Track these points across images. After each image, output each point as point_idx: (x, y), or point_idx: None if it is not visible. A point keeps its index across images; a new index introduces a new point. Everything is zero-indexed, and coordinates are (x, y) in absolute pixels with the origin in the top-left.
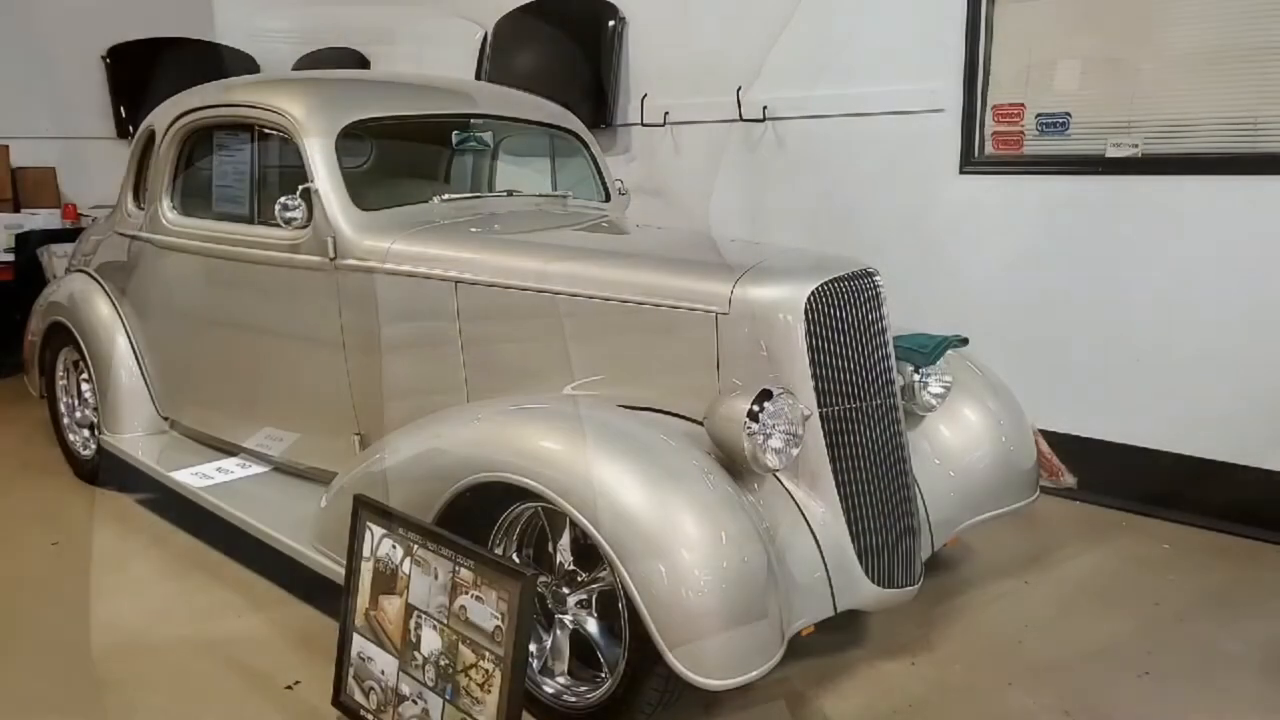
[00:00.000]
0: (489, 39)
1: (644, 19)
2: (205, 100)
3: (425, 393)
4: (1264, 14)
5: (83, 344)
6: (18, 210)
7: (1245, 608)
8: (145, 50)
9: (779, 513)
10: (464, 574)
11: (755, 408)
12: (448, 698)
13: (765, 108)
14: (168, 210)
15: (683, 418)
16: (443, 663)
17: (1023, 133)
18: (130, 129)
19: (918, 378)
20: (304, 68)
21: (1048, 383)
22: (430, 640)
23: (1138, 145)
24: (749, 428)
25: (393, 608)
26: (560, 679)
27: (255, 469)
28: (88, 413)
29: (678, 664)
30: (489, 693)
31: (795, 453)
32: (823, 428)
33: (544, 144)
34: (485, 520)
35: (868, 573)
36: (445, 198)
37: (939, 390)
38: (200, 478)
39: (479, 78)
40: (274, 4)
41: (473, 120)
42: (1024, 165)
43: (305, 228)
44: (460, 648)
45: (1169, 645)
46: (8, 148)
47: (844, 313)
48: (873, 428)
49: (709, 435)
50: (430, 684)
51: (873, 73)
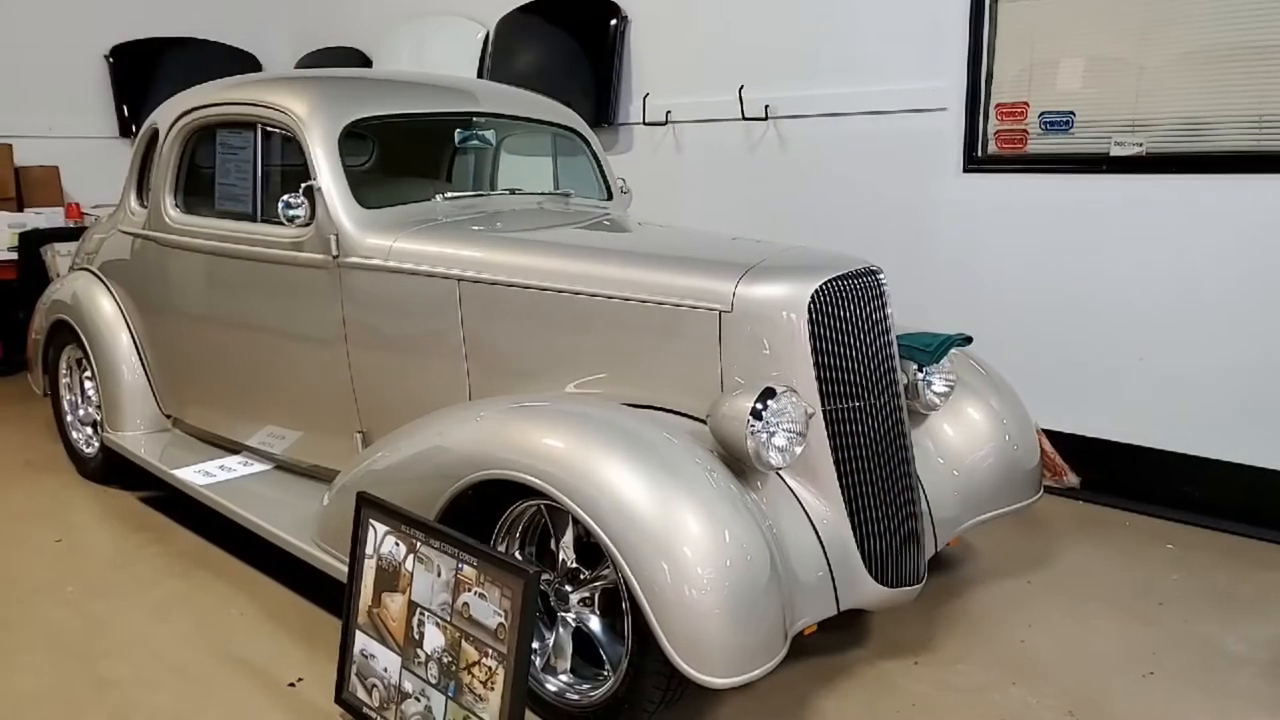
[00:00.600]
0: (491, 38)
1: (646, 18)
2: (208, 98)
3: (428, 391)
4: (1269, 12)
5: (86, 342)
6: (21, 209)
7: (1250, 608)
8: (148, 50)
9: (782, 511)
10: (467, 571)
11: (759, 406)
12: (450, 695)
13: (767, 106)
14: (171, 208)
15: (685, 416)
16: (445, 660)
17: (1026, 131)
18: (133, 128)
19: (921, 376)
20: (306, 67)
21: (1051, 382)
22: (433, 637)
23: (1142, 144)
24: (752, 426)
25: (395, 605)
26: (563, 677)
27: (257, 467)
28: (91, 410)
29: (681, 662)
30: (492, 690)
31: (799, 451)
32: (826, 426)
33: (546, 142)
34: (488, 518)
35: (871, 572)
36: (448, 196)
37: (942, 389)
38: (203, 475)
39: (481, 76)
40: (277, 3)
41: (475, 118)
42: (1027, 164)
43: (308, 226)
44: (463, 645)
45: (1173, 645)
46: (11, 147)
47: (848, 311)
48: (876, 426)
49: (712, 433)
50: (433, 681)
51: (875, 71)
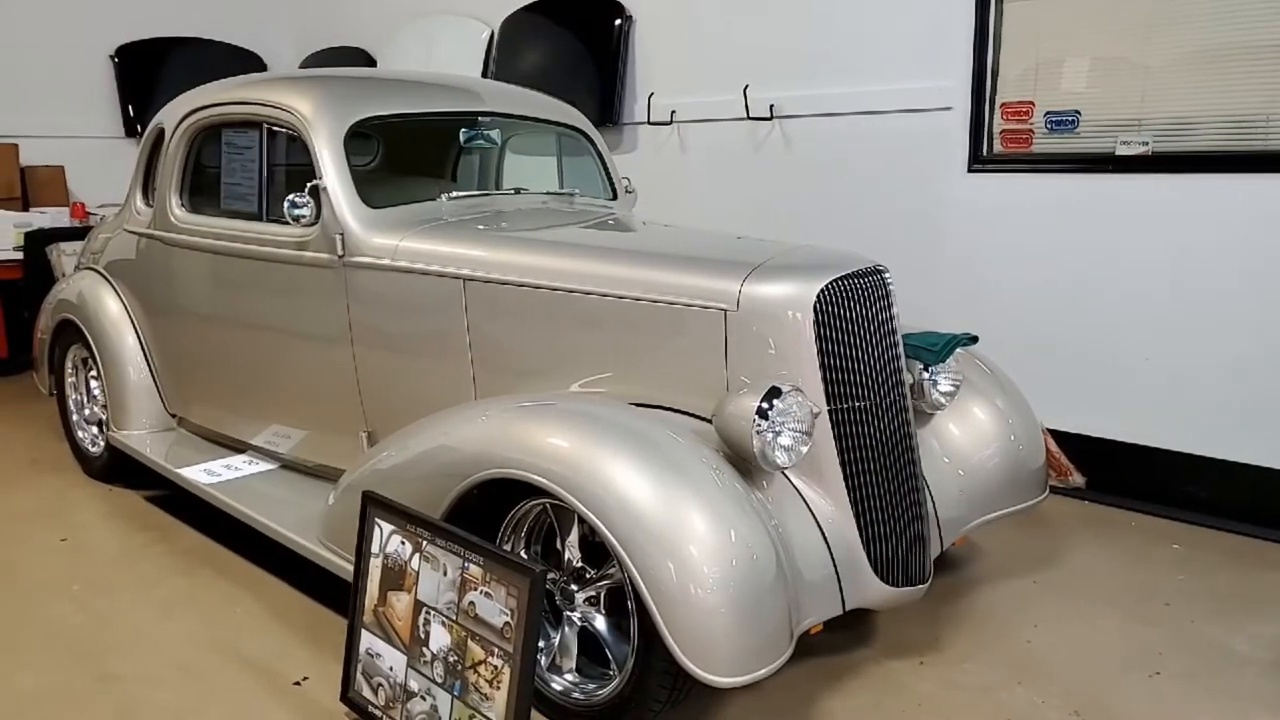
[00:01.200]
0: (495, 37)
1: (651, 17)
2: (214, 98)
3: (433, 390)
4: (1276, 11)
5: (91, 341)
6: (26, 209)
7: (1255, 608)
8: (153, 50)
9: (788, 511)
10: (473, 570)
11: (764, 405)
12: (456, 694)
13: (772, 106)
14: (176, 208)
15: (691, 415)
16: (451, 659)
17: (1031, 131)
18: (138, 128)
19: (927, 376)
20: (311, 67)
21: (1056, 381)
22: (439, 636)
23: (1148, 143)
24: (758, 425)
25: (401, 604)
26: (568, 676)
27: (263, 466)
28: (96, 410)
29: (687, 661)
30: (498, 689)
31: (804, 451)
32: (832, 426)
33: (551, 142)
34: (493, 517)
35: (877, 571)
36: (453, 195)
37: (948, 388)
38: (208, 475)
39: (485, 76)
40: (281, 3)
41: (480, 118)
42: (1033, 163)
43: (314, 225)
44: (469, 644)
45: (1179, 646)
46: (17, 147)
47: (853, 310)
48: (882, 426)
49: (717, 433)
50: (439, 680)
51: (880, 71)
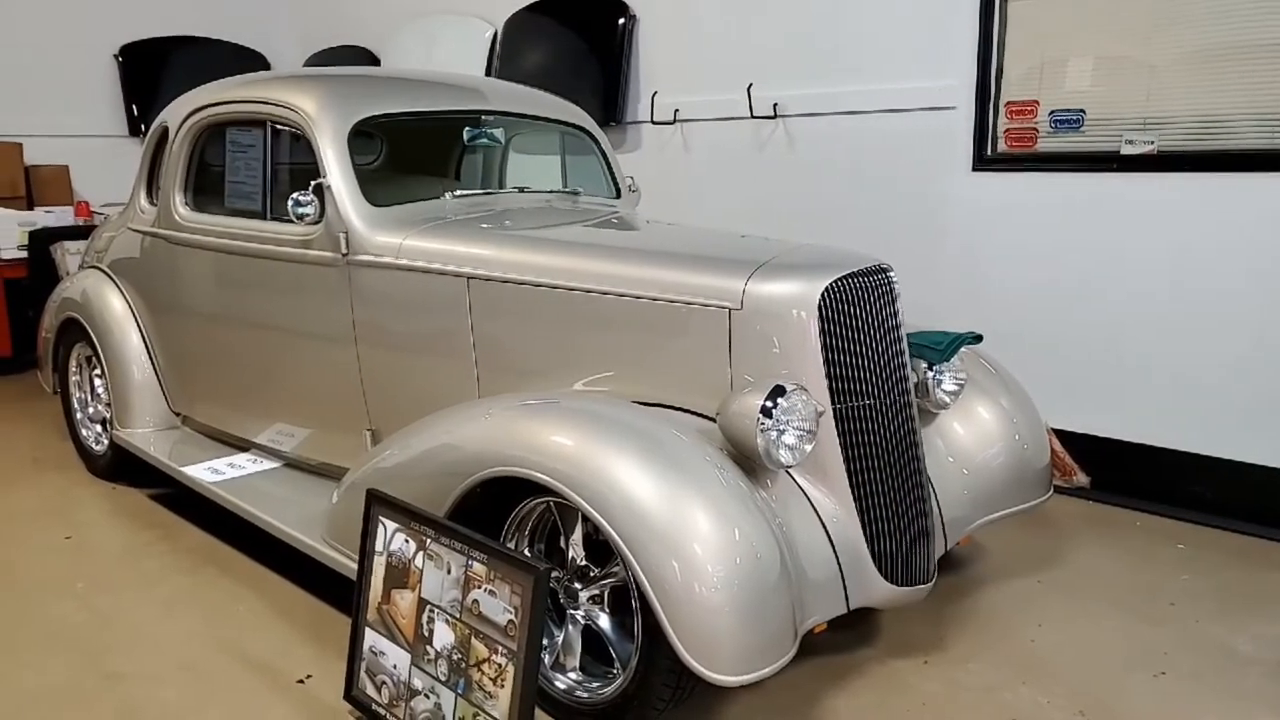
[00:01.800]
0: (499, 37)
1: (654, 16)
2: (218, 96)
3: (437, 388)
4: None
5: (96, 340)
6: (31, 207)
7: (1261, 608)
8: (157, 49)
9: (792, 509)
10: (477, 568)
11: (769, 404)
12: (460, 692)
13: (776, 105)
14: (180, 206)
15: (695, 414)
16: (455, 657)
17: (1036, 130)
18: (142, 127)
19: (931, 375)
20: (314, 66)
21: (1061, 381)
22: (443, 634)
23: (1153, 142)
24: (762, 424)
25: (405, 602)
26: (572, 675)
27: (267, 464)
28: (100, 408)
29: (691, 660)
30: (502, 687)
31: (809, 449)
32: (836, 424)
33: (555, 141)
34: (497, 516)
35: (881, 570)
36: (457, 194)
37: (953, 387)
38: (212, 473)
39: (489, 75)
40: (285, 3)
41: (484, 117)
42: (1037, 163)
43: (318, 223)
44: (473, 642)
45: (1184, 646)
46: (21, 146)
47: (858, 309)
48: (887, 425)
49: (722, 431)
50: (443, 678)
51: (884, 70)
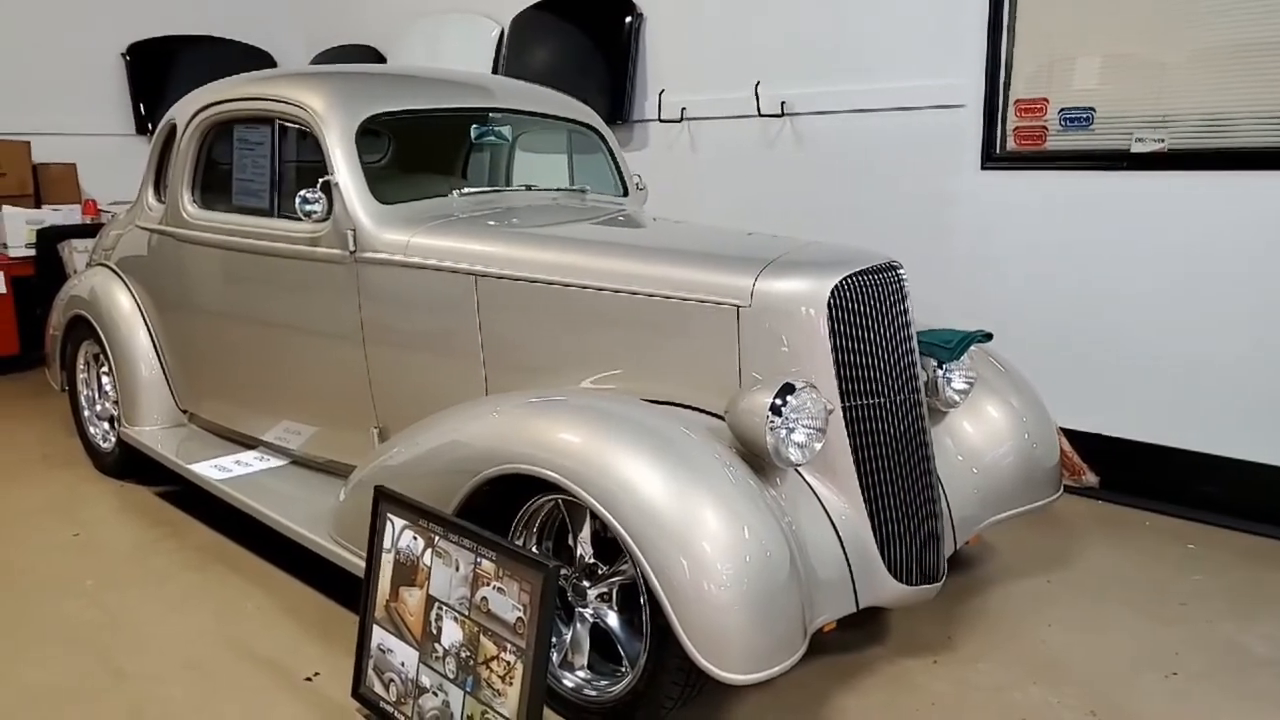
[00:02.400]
0: (505, 35)
1: (661, 15)
2: (226, 94)
3: (444, 386)
4: None
5: (103, 337)
6: (39, 206)
7: (1272, 608)
8: (164, 48)
9: (801, 508)
10: (485, 566)
11: (778, 401)
12: (468, 690)
13: (783, 103)
14: (188, 204)
15: (703, 412)
16: (463, 655)
17: (1045, 128)
18: (149, 126)
19: (941, 373)
20: (321, 64)
21: (1070, 380)
22: (451, 632)
23: (1164, 140)
24: (771, 422)
25: (413, 599)
26: (580, 673)
27: (274, 462)
28: (108, 405)
29: (700, 658)
30: (510, 685)
31: (818, 448)
32: (846, 423)
33: (562, 139)
34: (505, 514)
35: (890, 569)
36: (464, 192)
37: (962, 386)
38: (219, 470)
39: (495, 74)
40: (291, 1)
41: (491, 114)
42: (1046, 161)
43: (325, 221)
44: (481, 640)
45: (1196, 646)
46: (29, 144)
47: (868, 306)
48: (896, 423)
49: (730, 429)
50: (451, 676)
51: (892, 68)
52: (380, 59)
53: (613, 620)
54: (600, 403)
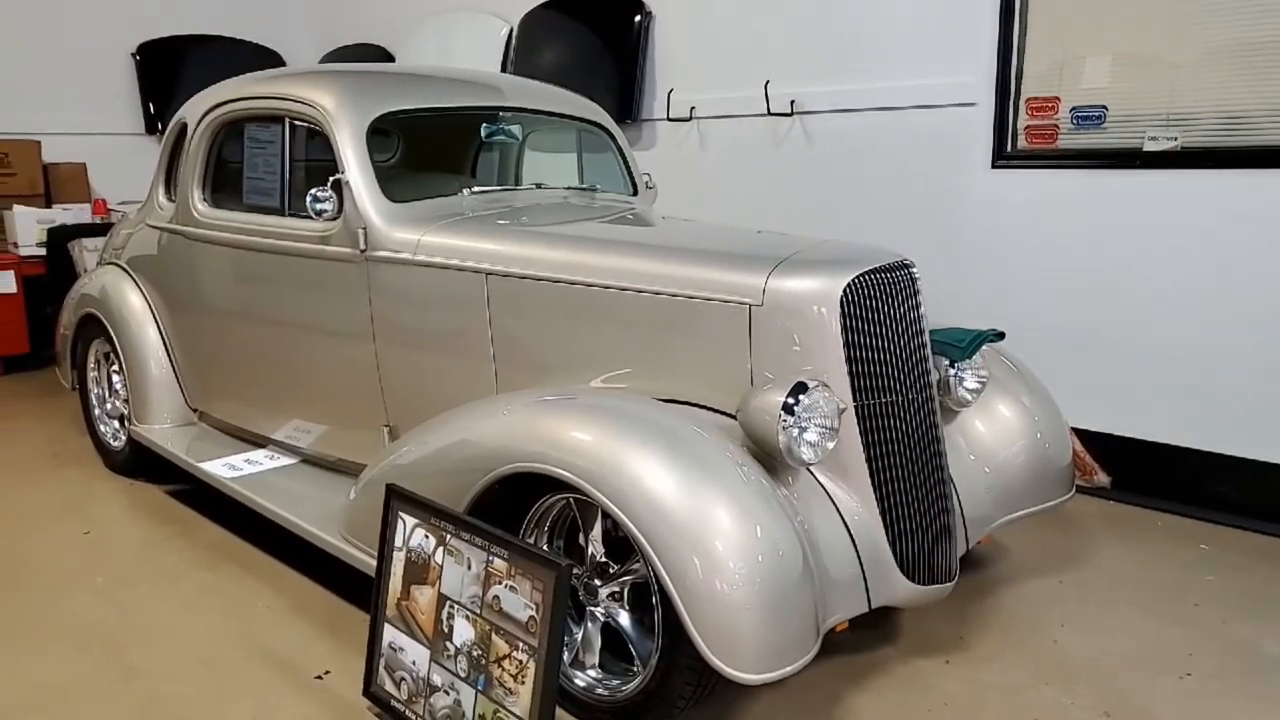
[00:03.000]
0: (514, 34)
1: (670, 13)
2: (237, 93)
3: (455, 385)
4: None
5: (114, 335)
6: (49, 205)
7: None
8: (173, 48)
9: (813, 507)
10: (497, 564)
11: (790, 400)
12: (480, 688)
13: (793, 102)
14: (199, 202)
15: (714, 411)
16: (475, 653)
17: (1057, 126)
18: (159, 125)
19: (953, 372)
20: (330, 64)
21: (1081, 379)
22: (463, 630)
23: (1177, 139)
24: (784, 421)
25: (424, 598)
26: (591, 672)
27: (284, 460)
28: (118, 404)
29: (713, 657)
30: (523, 684)
31: (830, 447)
32: (858, 422)
33: (571, 137)
34: (515, 513)
35: (903, 569)
36: (474, 190)
37: (974, 385)
38: (229, 469)
39: (504, 73)
40: (300, 1)
41: (501, 113)
42: (1058, 159)
43: (336, 219)
44: (493, 638)
45: (1210, 647)
46: (39, 144)
47: (880, 305)
48: (909, 422)
49: (742, 428)
50: (462, 675)
51: (903, 66)
52: (389, 58)
53: (624, 619)
54: (611, 401)
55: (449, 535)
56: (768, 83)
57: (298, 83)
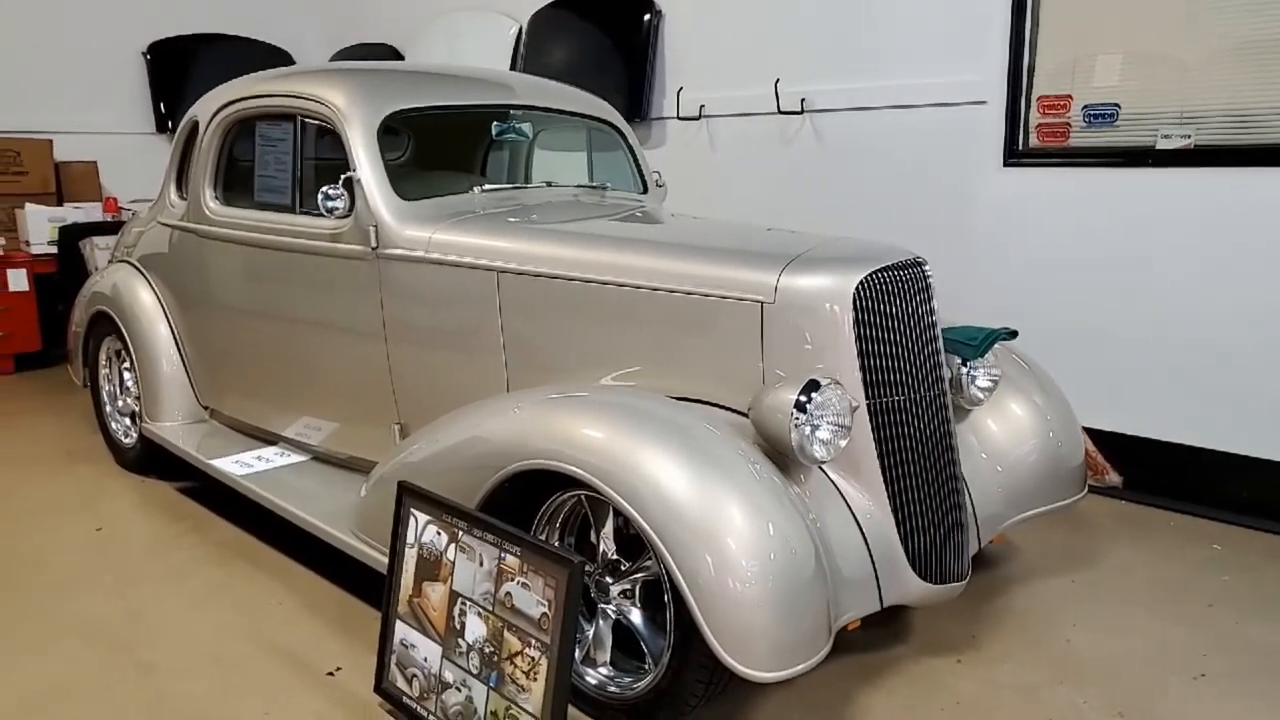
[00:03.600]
0: (523, 33)
1: (680, 12)
2: (248, 91)
3: (466, 382)
4: None
5: (125, 333)
6: (60, 203)
7: None
8: (184, 47)
9: (825, 505)
10: (510, 561)
11: (802, 398)
12: (492, 685)
13: (803, 100)
14: (210, 200)
15: (726, 409)
16: (487, 650)
17: (1069, 125)
18: (169, 124)
19: (965, 371)
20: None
21: (1093, 378)
22: (475, 627)
23: (1190, 136)
24: (796, 418)
25: (436, 594)
26: (603, 669)
27: (295, 457)
28: (129, 401)
29: (725, 655)
30: (535, 680)
31: (843, 445)
32: (870, 420)
33: (581, 136)
34: (527, 510)
35: (915, 567)
36: (485, 188)
37: (987, 384)
38: (240, 466)
39: (514, 71)
40: (311, 1)
41: (512, 111)
42: (1070, 158)
43: (347, 217)
44: (505, 635)
45: (1223, 647)
46: (51, 142)
47: (892, 303)
48: (921, 420)
49: (754, 426)
50: (474, 671)
51: (914, 64)
52: (399, 57)
53: (636, 617)
54: (623, 399)
55: (461, 532)
56: (778, 81)
57: (309, 81)
